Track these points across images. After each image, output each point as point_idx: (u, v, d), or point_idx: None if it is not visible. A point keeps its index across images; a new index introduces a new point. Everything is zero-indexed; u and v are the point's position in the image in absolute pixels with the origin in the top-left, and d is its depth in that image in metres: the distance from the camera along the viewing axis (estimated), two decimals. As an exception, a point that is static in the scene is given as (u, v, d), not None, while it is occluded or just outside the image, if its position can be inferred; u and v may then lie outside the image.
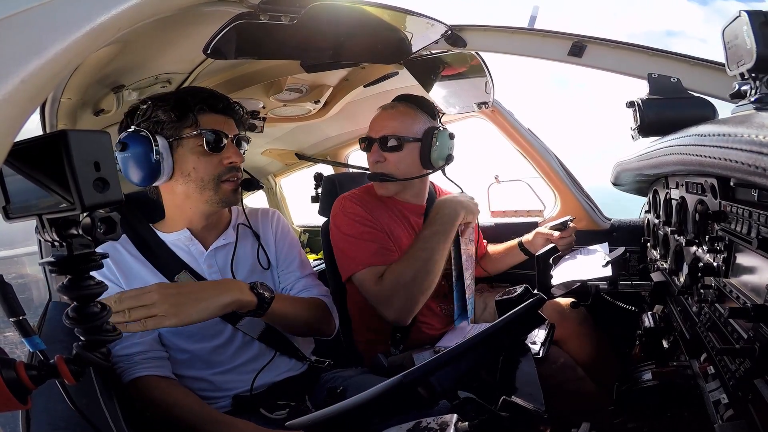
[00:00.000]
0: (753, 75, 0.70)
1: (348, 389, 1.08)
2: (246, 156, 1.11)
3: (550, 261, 1.38)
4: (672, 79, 0.98)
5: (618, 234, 1.77)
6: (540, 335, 1.20)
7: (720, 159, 0.57)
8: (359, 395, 0.58)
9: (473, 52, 1.34)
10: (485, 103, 1.68)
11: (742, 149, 0.51)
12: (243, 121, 1.12)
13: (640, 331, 1.12)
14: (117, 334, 0.55)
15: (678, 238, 1.03)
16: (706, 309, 0.82)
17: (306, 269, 1.21)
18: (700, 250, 0.88)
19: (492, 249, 1.71)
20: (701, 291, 0.83)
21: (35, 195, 0.45)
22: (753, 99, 0.69)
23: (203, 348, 1.04)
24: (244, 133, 1.10)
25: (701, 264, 0.82)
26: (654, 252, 1.35)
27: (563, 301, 1.43)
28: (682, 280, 1.01)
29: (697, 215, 0.87)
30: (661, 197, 1.24)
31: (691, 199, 0.94)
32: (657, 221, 1.30)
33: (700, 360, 0.82)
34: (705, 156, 0.63)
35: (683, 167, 0.78)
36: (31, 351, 0.50)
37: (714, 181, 0.76)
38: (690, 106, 0.95)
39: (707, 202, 0.83)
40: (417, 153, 1.34)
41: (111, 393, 0.84)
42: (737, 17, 0.70)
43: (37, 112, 1.12)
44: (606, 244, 1.51)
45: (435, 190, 1.56)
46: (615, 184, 1.53)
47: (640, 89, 1.02)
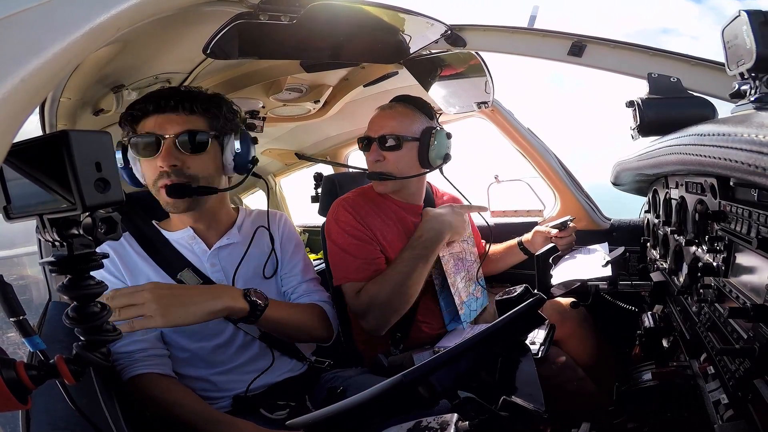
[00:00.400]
0: (753, 75, 0.70)
1: (348, 389, 1.08)
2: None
3: (549, 260, 1.37)
4: (672, 79, 0.98)
5: (618, 234, 1.78)
6: (540, 335, 1.20)
7: (720, 159, 0.57)
8: (360, 394, 0.58)
9: (473, 51, 1.34)
10: (485, 103, 1.69)
11: (741, 149, 0.51)
12: (215, 114, 1.00)
13: (640, 331, 1.12)
14: (117, 334, 0.55)
15: (678, 237, 1.03)
16: (705, 309, 0.82)
17: (308, 274, 1.21)
18: (699, 250, 0.88)
19: (492, 249, 1.72)
20: (701, 291, 0.83)
21: (36, 195, 0.45)
22: (753, 99, 0.69)
23: (204, 347, 1.04)
24: (205, 130, 0.98)
25: (701, 264, 0.82)
26: (654, 252, 1.35)
27: (563, 301, 1.44)
28: (681, 280, 1.01)
29: (697, 215, 0.87)
30: (661, 197, 1.24)
31: (691, 199, 0.94)
32: (657, 221, 1.30)
33: (700, 360, 0.82)
34: (705, 156, 0.63)
35: (683, 167, 0.79)
36: (31, 351, 0.50)
37: (714, 181, 0.76)
38: (690, 105, 0.95)
39: (707, 201, 0.83)
40: (415, 152, 1.35)
41: (111, 393, 0.84)
42: (737, 17, 0.70)
43: (37, 111, 1.12)
44: (606, 243, 1.51)
45: (432, 190, 1.56)
46: (615, 183, 1.53)
47: (637, 87, 1.02)
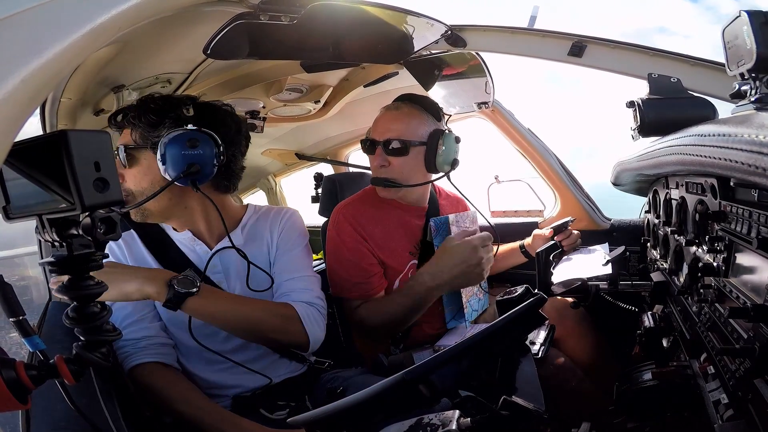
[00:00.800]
0: (753, 75, 0.70)
1: (348, 389, 1.07)
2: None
3: (551, 258, 1.37)
4: (672, 79, 0.98)
5: (618, 234, 1.77)
6: (540, 336, 1.20)
7: (720, 159, 0.57)
8: (361, 392, 0.58)
9: (473, 52, 1.34)
10: (485, 103, 1.68)
11: (742, 149, 0.51)
12: (151, 123, 0.95)
13: (640, 331, 1.12)
14: (117, 334, 0.56)
15: (678, 238, 1.03)
16: (706, 309, 0.82)
17: (295, 272, 1.11)
18: (700, 250, 0.88)
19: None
20: (701, 291, 0.83)
21: (35, 195, 0.45)
22: (753, 99, 0.69)
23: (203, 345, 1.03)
24: (132, 143, 0.95)
25: (701, 264, 0.82)
26: (654, 252, 1.35)
27: (563, 301, 1.43)
28: (682, 280, 1.01)
29: (697, 215, 0.87)
30: (661, 197, 1.24)
31: (691, 199, 0.94)
32: (657, 221, 1.30)
33: (700, 360, 0.82)
34: (705, 156, 0.63)
35: (683, 167, 0.79)
36: (31, 351, 0.50)
37: (714, 181, 0.76)
38: (690, 106, 0.95)
39: (707, 202, 0.83)
40: (422, 157, 1.30)
41: (111, 393, 0.84)
42: (737, 17, 0.70)
43: (37, 112, 1.12)
44: (606, 243, 1.52)
45: (436, 190, 1.55)
46: (615, 184, 1.53)
47: (635, 86, 1.02)
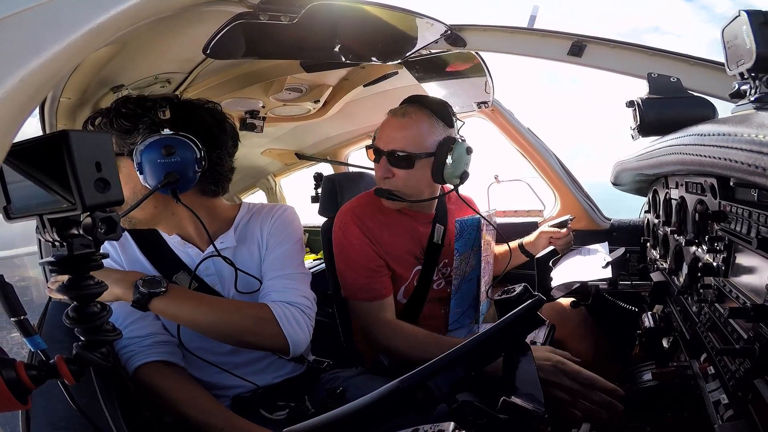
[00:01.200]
0: (753, 74, 0.70)
1: (348, 390, 1.07)
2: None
3: (549, 263, 1.37)
4: (672, 79, 0.98)
5: (618, 234, 1.78)
6: (540, 336, 1.20)
7: (720, 159, 0.57)
8: (356, 401, 0.57)
9: (473, 51, 1.34)
10: (485, 103, 1.69)
11: (742, 149, 0.51)
12: (125, 129, 0.92)
13: (640, 331, 1.12)
14: (117, 334, 0.56)
15: (678, 238, 1.03)
16: (706, 309, 0.82)
17: (280, 270, 1.06)
18: (699, 250, 0.88)
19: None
20: (701, 291, 0.83)
21: (36, 195, 0.45)
22: (753, 98, 0.69)
23: (203, 346, 1.03)
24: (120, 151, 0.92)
25: (701, 264, 0.82)
26: (654, 252, 1.35)
27: (563, 302, 1.43)
28: (681, 280, 1.01)
29: (697, 215, 0.87)
30: (661, 197, 1.24)
31: (691, 199, 0.94)
32: (657, 221, 1.30)
33: (700, 360, 0.82)
34: (705, 156, 0.63)
35: (683, 167, 0.79)
36: (32, 351, 0.50)
37: (714, 181, 0.76)
38: (690, 105, 0.95)
39: (707, 201, 0.83)
40: (429, 169, 1.22)
41: (111, 393, 0.84)
42: (737, 17, 0.70)
43: (37, 111, 1.12)
44: (606, 243, 1.52)
45: (443, 192, 1.52)
46: (615, 183, 1.53)
47: (634, 86, 1.02)
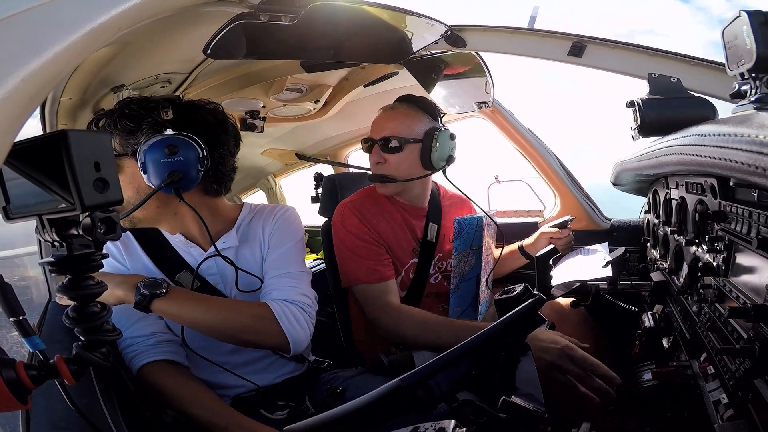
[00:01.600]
0: (753, 75, 0.70)
1: (348, 389, 1.07)
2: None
3: (550, 262, 1.37)
4: (672, 79, 0.98)
5: (618, 234, 1.78)
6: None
7: (720, 159, 0.57)
8: (357, 400, 0.57)
9: (473, 52, 1.34)
10: (485, 103, 1.68)
11: (742, 149, 0.51)
12: (128, 130, 0.93)
13: (640, 331, 1.12)
14: (117, 334, 0.56)
15: (678, 238, 1.03)
16: (706, 309, 0.82)
17: (282, 268, 1.06)
18: (699, 249, 0.88)
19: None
20: (701, 291, 0.83)
21: (35, 195, 0.45)
22: (753, 99, 0.69)
23: (204, 346, 1.03)
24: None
25: (701, 264, 0.82)
26: (654, 252, 1.35)
27: (563, 301, 1.43)
28: (682, 280, 1.01)
29: (697, 215, 0.87)
30: (661, 197, 1.24)
31: (691, 199, 0.94)
32: (657, 221, 1.30)
33: (700, 360, 0.82)
34: (705, 156, 0.63)
35: (683, 167, 0.79)
36: (31, 351, 0.50)
37: (714, 181, 0.76)
38: (690, 106, 0.95)
39: (707, 202, 0.83)
40: (417, 154, 1.33)
41: (111, 393, 0.84)
42: (737, 17, 0.70)
43: (37, 112, 1.12)
44: (606, 243, 1.51)
45: (438, 190, 1.55)
46: (615, 184, 1.53)
47: (634, 86, 1.02)
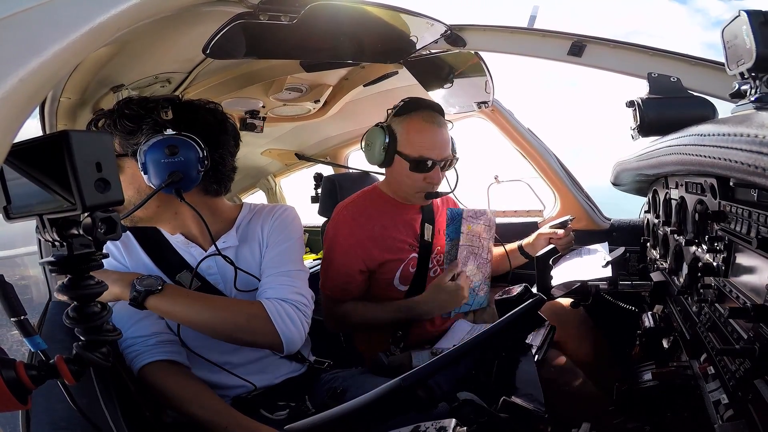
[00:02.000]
0: (753, 74, 0.70)
1: (348, 389, 1.07)
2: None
3: (549, 262, 1.37)
4: (672, 79, 0.98)
5: (618, 234, 1.78)
6: (539, 337, 1.20)
7: (720, 159, 0.57)
8: (358, 399, 0.58)
9: (473, 51, 1.34)
10: (485, 103, 1.68)
11: (742, 149, 0.51)
12: (129, 129, 0.91)
13: (640, 331, 1.12)
14: (117, 334, 0.56)
15: (678, 238, 1.03)
16: (706, 309, 0.82)
17: (280, 267, 1.04)
18: (699, 249, 0.88)
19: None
20: (701, 291, 0.83)
21: (36, 195, 0.45)
22: (753, 98, 0.69)
23: (204, 345, 1.03)
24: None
25: (701, 264, 0.82)
26: (654, 252, 1.35)
27: (563, 302, 1.43)
28: (681, 280, 1.01)
29: (697, 215, 0.87)
30: (661, 197, 1.24)
31: (691, 199, 0.94)
32: (657, 221, 1.31)
33: (700, 360, 0.82)
34: (705, 156, 0.63)
35: (683, 167, 0.79)
36: (32, 351, 0.50)
37: (714, 181, 0.76)
38: (690, 105, 0.95)
39: (707, 202, 0.83)
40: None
41: (111, 393, 0.84)
42: (737, 17, 0.70)
43: (37, 111, 1.12)
44: (606, 243, 1.51)
45: None
46: (615, 184, 1.53)
47: (634, 86, 1.02)
